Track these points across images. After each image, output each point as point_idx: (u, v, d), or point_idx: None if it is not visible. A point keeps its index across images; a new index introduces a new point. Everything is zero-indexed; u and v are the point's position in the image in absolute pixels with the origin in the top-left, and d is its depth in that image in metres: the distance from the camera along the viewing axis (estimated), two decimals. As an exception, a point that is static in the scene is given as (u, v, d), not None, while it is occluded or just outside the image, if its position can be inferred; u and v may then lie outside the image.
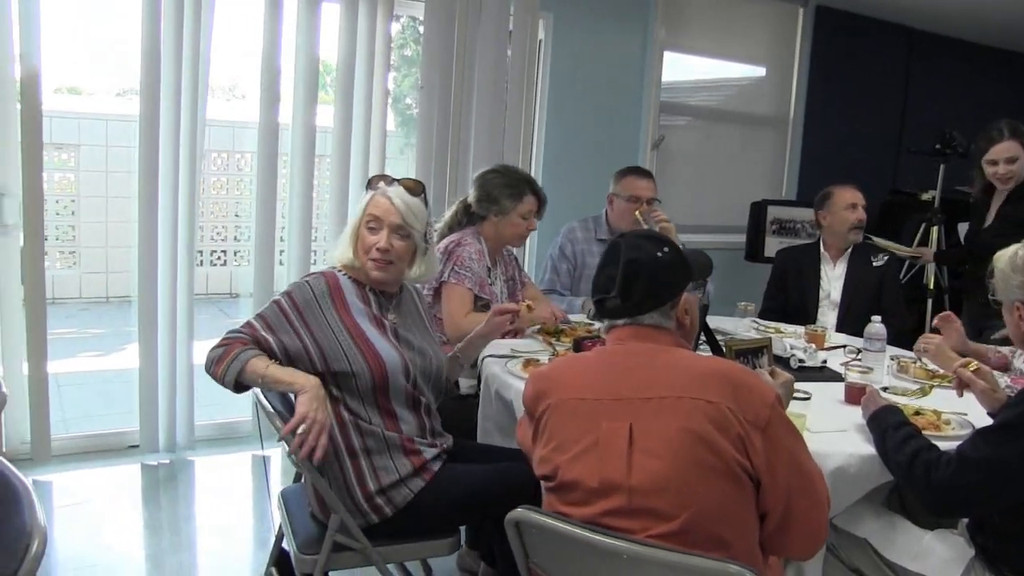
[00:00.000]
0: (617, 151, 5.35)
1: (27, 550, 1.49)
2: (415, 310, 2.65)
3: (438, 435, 2.53)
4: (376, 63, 4.41)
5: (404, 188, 2.47)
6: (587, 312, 3.66)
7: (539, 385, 1.93)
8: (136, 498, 3.92)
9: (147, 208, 4.00)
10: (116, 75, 10.47)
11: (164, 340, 4.12)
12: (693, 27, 5.80)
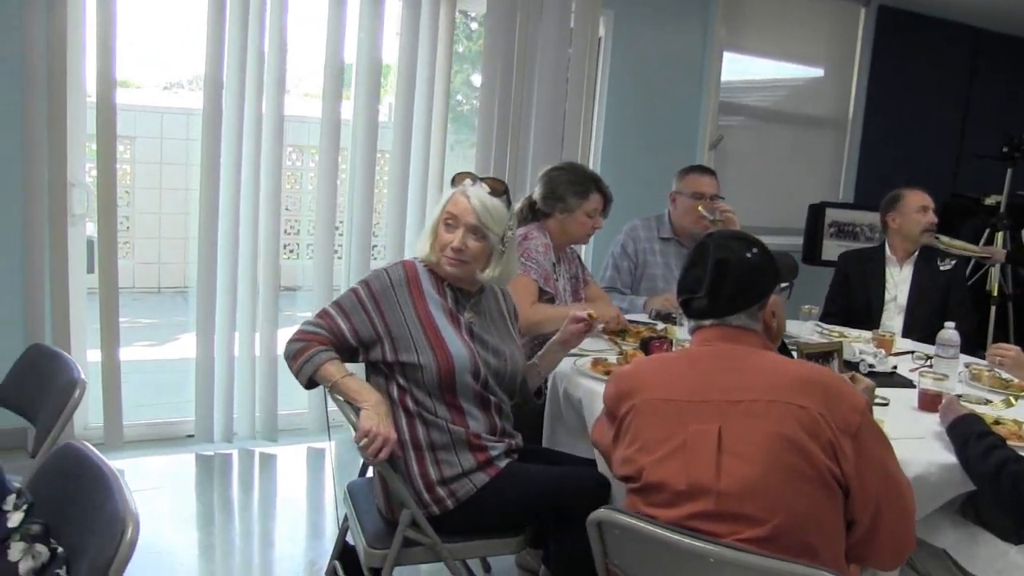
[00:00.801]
0: (675, 150, 5.32)
1: (122, 535, 1.51)
2: (497, 310, 2.62)
3: (508, 435, 2.50)
4: (438, 60, 4.41)
5: (487, 188, 2.44)
6: (649, 312, 3.63)
7: (622, 385, 1.91)
8: (191, 487, 3.96)
9: (208, 200, 4.02)
10: (170, 68, 10.61)
11: (222, 331, 4.16)
12: (753, 27, 5.74)
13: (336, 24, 4.16)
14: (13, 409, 2.50)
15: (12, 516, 1.59)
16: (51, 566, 1.61)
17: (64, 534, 1.68)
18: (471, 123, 8.70)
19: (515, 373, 2.53)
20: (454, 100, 4.58)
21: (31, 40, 3.63)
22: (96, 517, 1.61)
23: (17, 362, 2.57)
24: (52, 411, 2.25)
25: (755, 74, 6.03)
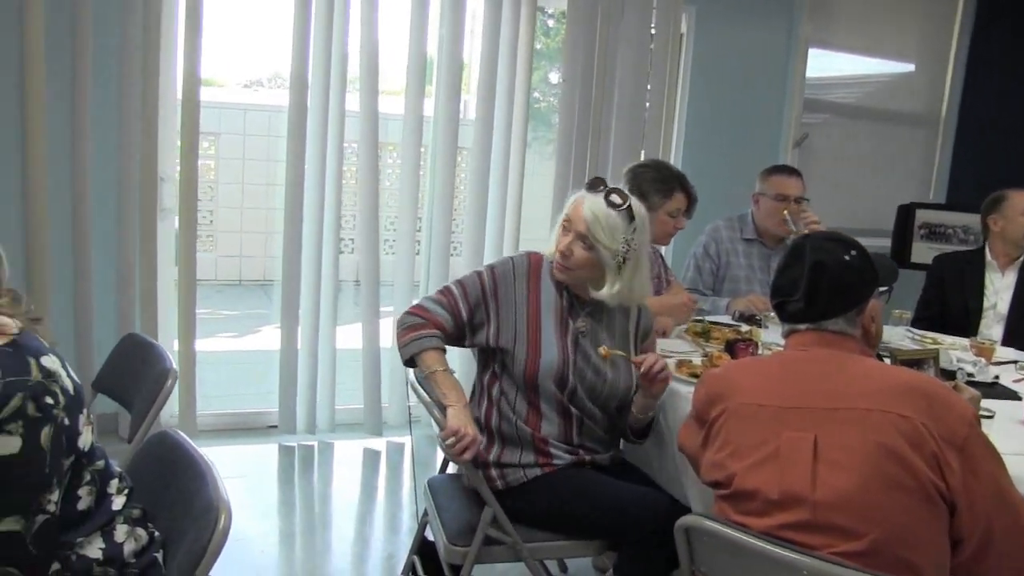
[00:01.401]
0: (758, 149, 5.22)
1: (216, 524, 1.54)
2: (622, 329, 2.53)
3: (585, 449, 2.45)
4: (519, 56, 4.41)
5: (608, 200, 2.33)
6: (733, 314, 3.57)
7: (713, 388, 1.88)
8: (273, 477, 4.01)
9: (293, 196, 4.07)
10: (251, 67, 10.81)
11: (306, 324, 4.21)
12: (840, 22, 5.61)
13: (419, 21, 4.19)
14: (109, 395, 2.57)
15: (116, 499, 1.64)
16: (149, 549, 1.66)
17: (159, 519, 1.72)
18: (548, 120, 8.71)
19: (613, 396, 2.45)
20: (531, 97, 4.56)
21: (128, 39, 3.72)
22: (191, 505, 1.65)
23: (113, 351, 2.64)
24: (146, 399, 2.30)
25: (841, 70, 5.88)
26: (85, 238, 3.78)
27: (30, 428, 1.38)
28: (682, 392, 2.48)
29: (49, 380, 1.44)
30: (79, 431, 1.52)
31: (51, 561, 1.48)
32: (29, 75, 3.59)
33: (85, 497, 1.56)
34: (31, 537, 1.39)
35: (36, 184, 3.65)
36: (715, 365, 2.63)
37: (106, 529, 1.60)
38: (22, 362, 1.43)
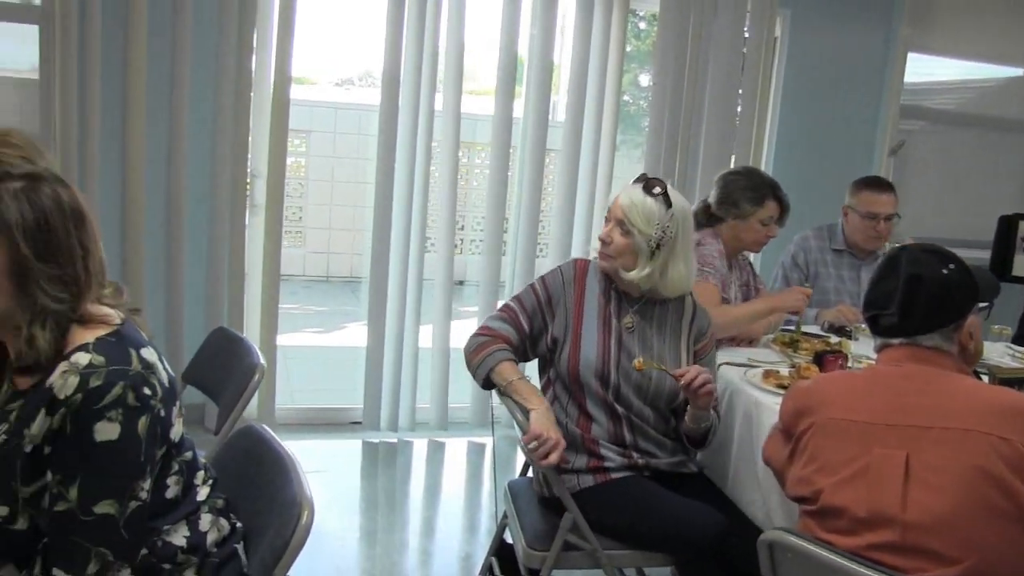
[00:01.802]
0: (852, 156, 5.10)
1: (298, 519, 1.57)
2: (673, 325, 2.52)
3: (639, 451, 2.43)
4: (610, 59, 4.39)
5: (645, 188, 2.40)
6: (822, 325, 3.49)
7: (802, 401, 1.84)
8: (355, 473, 4.07)
9: (383, 194, 4.13)
10: (342, 66, 10.98)
11: (392, 322, 4.26)
12: (942, 26, 5.43)
13: (510, 21, 4.20)
14: (198, 387, 2.63)
15: (201, 490, 1.68)
16: (231, 540, 1.69)
17: (242, 512, 1.75)
18: (637, 123, 8.66)
19: (659, 394, 2.43)
20: (621, 100, 4.53)
21: (224, 39, 3.82)
22: (274, 499, 1.67)
23: (203, 344, 2.70)
24: (234, 392, 2.35)
25: (942, 75, 5.70)
26: (178, 233, 3.90)
27: (129, 417, 1.42)
28: (768, 403, 2.44)
29: (148, 371, 1.48)
30: (172, 423, 1.56)
31: (141, 546, 1.52)
32: (130, 74, 3.73)
33: (173, 486, 1.60)
34: (123, 522, 1.43)
35: (134, 181, 3.78)
36: (803, 377, 2.58)
37: (191, 518, 1.64)
38: (124, 352, 1.48)
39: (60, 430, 1.42)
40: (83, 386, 1.41)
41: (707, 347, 2.57)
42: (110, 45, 3.70)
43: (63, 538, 1.41)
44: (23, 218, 1.43)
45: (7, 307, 1.46)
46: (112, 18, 3.68)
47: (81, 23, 3.63)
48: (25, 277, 1.44)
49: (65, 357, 1.45)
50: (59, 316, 1.47)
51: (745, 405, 2.56)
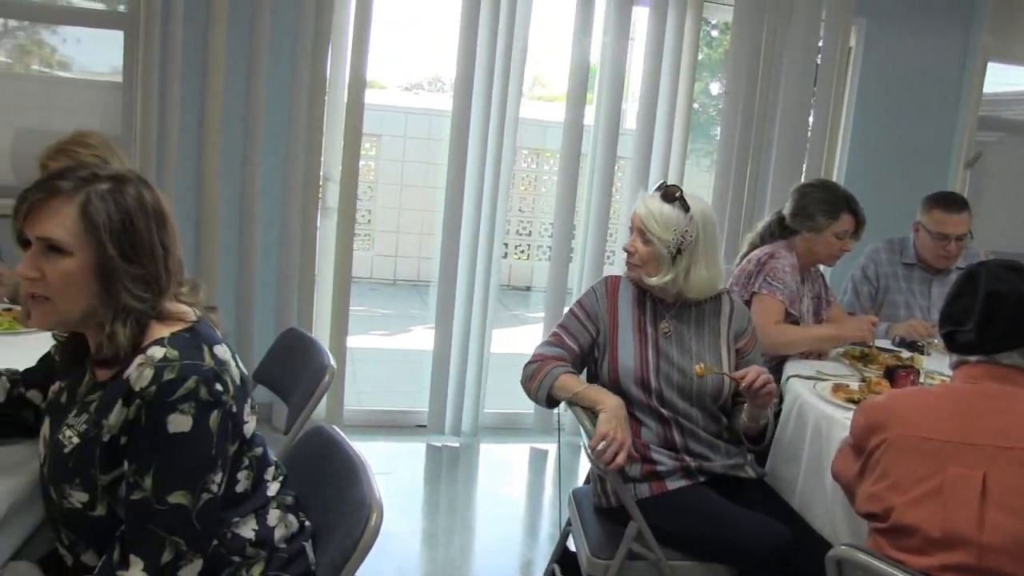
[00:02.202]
0: (926, 168, 4.99)
1: (367, 521, 1.58)
2: (712, 326, 2.53)
3: (692, 454, 2.41)
4: (682, 67, 4.36)
5: (662, 195, 2.43)
6: (893, 339, 3.42)
7: (874, 417, 1.80)
8: (418, 476, 4.10)
9: (452, 199, 4.16)
10: (412, 70, 11.09)
11: (459, 327, 4.29)
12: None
13: (583, 29, 4.20)
14: (268, 386, 2.68)
15: (271, 486, 1.71)
16: (299, 537, 1.72)
17: (311, 510, 1.78)
18: (707, 132, 8.61)
19: (704, 391, 2.42)
20: (692, 108, 4.51)
21: (301, 44, 3.89)
22: (343, 500, 1.69)
23: (274, 344, 2.75)
24: (304, 392, 2.39)
25: (1021, 84, 5.55)
26: (251, 234, 3.98)
27: (201, 411, 1.46)
28: (837, 417, 2.41)
29: (220, 368, 1.52)
30: (244, 419, 1.59)
31: (212, 537, 1.56)
32: (209, 77, 3.82)
33: (243, 481, 1.63)
34: (196, 513, 1.46)
35: (209, 182, 3.87)
36: (873, 391, 2.54)
37: (260, 512, 1.66)
38: (198, 348, 1.51)
39: (135, 421, 1.46)
40: (157, 379, 1.44)
41: (749, 344, 2.57)
42: (190, 50, 3.80)
43: (139, 526, 1.45)
44: (110, 219, 1.48)
45: (92, 305, 1.51)
46: (192, 24, 3.78)
47: (163, 29, 3.73)
48: (110, 277, 1.49)
49: (142, 351, 1.49)
50: (140, 314, 1.51)
51: (814, 418, 2.53)
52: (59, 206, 1.48)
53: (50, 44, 4.09)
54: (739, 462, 2.47)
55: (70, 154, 2.68)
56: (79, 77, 4.12)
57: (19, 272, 1.50)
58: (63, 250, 1.47)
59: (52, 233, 1.47)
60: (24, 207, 1.49)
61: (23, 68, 4.10)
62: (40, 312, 1.52)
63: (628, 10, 4.24)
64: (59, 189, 1.48)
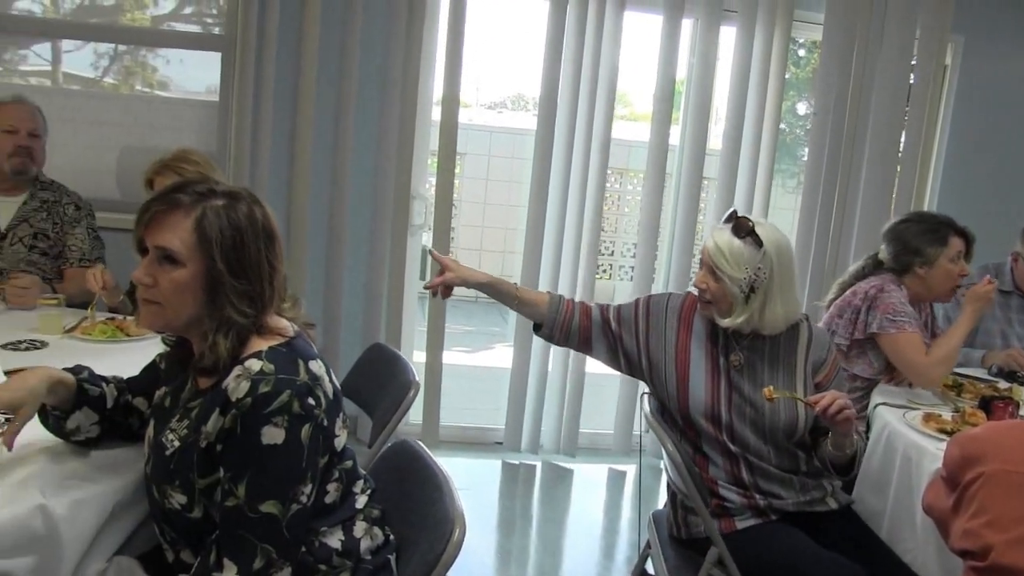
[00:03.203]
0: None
1: (450, 535, 1.60)
2: (783, 356, 2.39)
3: (762, 492, 2.32)
4: (770, 87, 4.32)
5: (732, 229, 2.28)
6: (989, 368, 3.32)
7: (970, 449, 1.75)
8: (495, 493, 4.11)
9: (535, 217, 4.19)
10: (495, 89, 11.17)
11: (539, 345, 4.30)
12: None
13: (669, 49, 4.20)
14: (353, 400, 2.72)
15: (359, 498, 1.74)
16: (384, 550, 1.75)
17: (395, 523, 1.81)
18: (793, 153, 8.48)
19: (775, 429, 2.31)
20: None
21: (390, 63, 3.98)
22: (426, 515, 1.72)
23: (361, 358, 2.80)
24: (389, 407, 2.43)
25: None
26: (339, 250, 4.06)
27: (293, 424, 1.50)
28: (928, 448, 2.34)
29: (314, 383, 1.56)
30: (336, 433, 1.63)
31: (300, 546, 1.59)
32: (301, 97, 3.93)
33: (332, 492, 1.67)
34: (286, 522, 1.50)
35: (299, 199, 3.98)
36: (968, 422, 2.47)
37: (347, 524, 1.70)
38: (293, 363, 1.56)
39: (231, 430, 1.50)
40: (253, 391, 1.49)
41: (828, 377, 2.42)
42: (283, 70, 3.92)
43: (233, 532, 1.49)
44: (221, 235, 1.54)
45: (197, 314, 1.57)
46: (286, 45, 3.90)
47: (258, 50, 3.86)
48: (216, 290, 1.55)
49: (240, 362, 1.55)
50: (241, 327, 1.57)
51: (904, 448, 2.47)
52: (177, 218, 1.55)
53: (152, 65, 4.26)
54: (816, 496, 2.36)
55: (177, 170, 2.81)
56: (177, 97, 4.28)
57: (135, 277, 1.58)
58: (176, 260, 1.54)
59: (168, 243, 1.54)
60: (146, 217, 1.57)
61: (128, 89, 4.27)
62: (149, 314, 1.60)
63: (716, 29, 4.23)
64: (178, 202, 1.56)
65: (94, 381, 1.78)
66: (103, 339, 2.62)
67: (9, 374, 1.83)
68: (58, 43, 4.20)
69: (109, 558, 1.67)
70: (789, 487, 2.33)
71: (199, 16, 4.24)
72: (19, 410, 1.63)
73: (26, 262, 3.17)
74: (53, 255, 3.26)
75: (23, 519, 1.49)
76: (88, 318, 2.80)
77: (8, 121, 3.16)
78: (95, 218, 3.40)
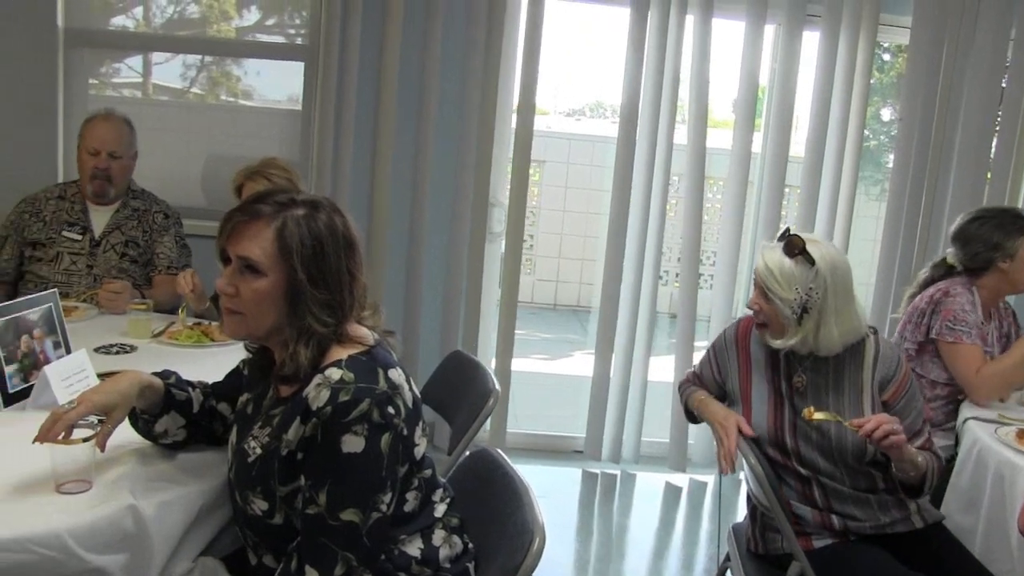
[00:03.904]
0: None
1: (530, 545, 1.60)
2: (848, 376, 2.29)
3: (840, 514, 2.25)
4: (854, 92, 4.22)
5: (783, 248, 2.19)
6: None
7: None
8: (574, 502, 4.09)
9: (616, 225, 4.17)
10: (573, 97, 11.18)
11: (620, 353, 4.28)
12: None
13: (752, 54, 4.15)
14: (432, 407, 2.74)
15: (438, 507, 1.75)
16: (463, 558, 1.75)
17: (474, 532, 1.81)
18: (876, 159, 8.29)
19: (844, 448, 2.22)
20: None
21: (470, 72, 4.00)
22: (506, 524, 1.71)
23: (440, 366, 2.82)
24: (468, 415, 2.43)
25: None
26: (417, 257, 4.10)
27: (373, 433, 1.51)
28: (1022, 466, 2.26)
29: (394, 391, 1.57)
30: (415, 442, 1.64)
31: (380, 554, 1.61)
32: (381, 105, 3.99)
33: (412, 500, 1.68)
34: (366, 531, 1.51)
35: (380, 206, 4.03)
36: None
37: (426, 532, 1.71)
38: (373, 372, 1.57)
39: (312, 439, 1.52)
40: (333, 399, 1.51)
41: (897, 394, 2.28)
42: (364, 79, 3.97)
43: (314, 539, 1.51)
44: (302, 245, 1.57)
45: (278, 323, 1.60)
46: (368, 54, 3.95)
47: (340, 60, 3.91)
48: (297, 300, 1.58)
49: (320, 371, 1.56)
50: (321, 337, 1.59)
51: (996, 465, 2.39)
52: (258, 228, 1.57)
53: (235, 75, 4.37)
54: (898, 516, 2.26)
55: (266, 176, 2.89)
56: (261, 106, 4.38)
57: (218, 287, 1.61)
58: (258, 270, 1.57)
59: (250, 253, 1.57)
60: (228, 227, 1.60)
61: (213, 99, 4.38)
62: (232, 323, 1.63)
63: (798, 34, 4.15)
64: (260, 212, 1.58)
65: (181, 386, 1.82)
66: (189, 344, 2.69)
67: (102, 377, 1.88)
68: (149, 56, 4.34)
69: (195, 559, 1.71)
70: (866, 507, 2.26)
71: (282, 27, 4.34)
72: (111, 413, 1.68)
73: (118, 269, 3.27)
74: (143, 262, 3.35)
75: (116, 518, 1.53)
76: (179, 321, 2.88)
77: (92, 144, 3.25)
78: (183, 226, 3.50)
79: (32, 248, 3.27)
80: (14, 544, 1.42)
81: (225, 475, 1.75)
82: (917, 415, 2.29)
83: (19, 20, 3.90)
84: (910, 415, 2.26)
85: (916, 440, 2.24)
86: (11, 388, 2.03)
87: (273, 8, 4.28)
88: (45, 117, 3.96)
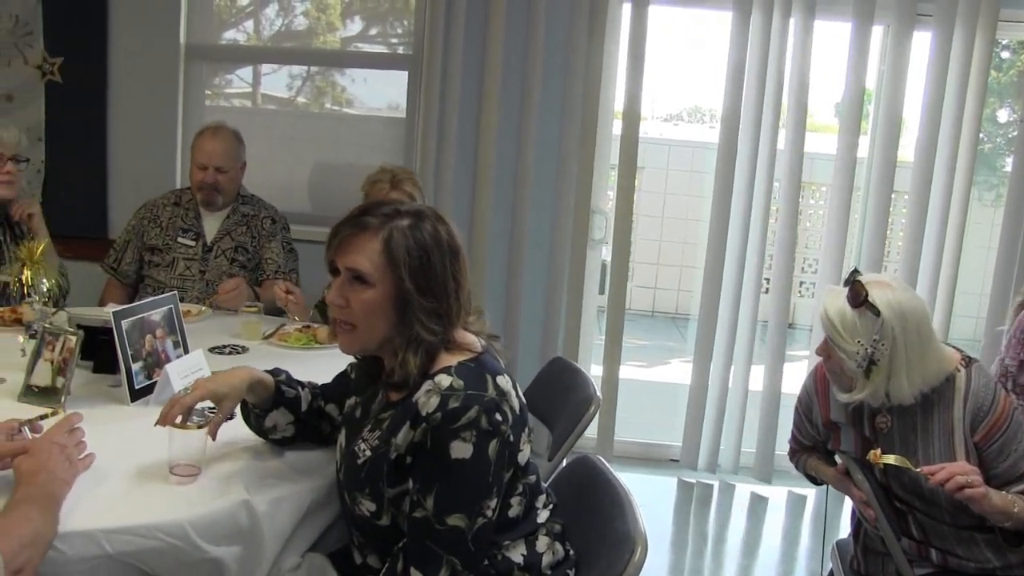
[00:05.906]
0: None
1: (631, 555, 1.60)
2: (937, 416, 2.09)
3: (940, 550, 2.12)
4: (969, 94, 4.05)
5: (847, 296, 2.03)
6: None
7: None
8: (669, 511, 4.06)
9: (717, 232, 4.12)
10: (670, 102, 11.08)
11: (719, 362, 4.22)
12: None
13: (859, 56, 4.03)
14: (532, 412, 2.75)
15: (541, 513, 1.76)
16: (564, 565, 1.76)
17: (575, 539, 1.81)
18: (992, 163, 7.99)
19: (936, 490, 2.01)
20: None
21: (572, 77, 4.01)
22: (606, 532, 1.72)
23: (541, 372, 2.84)
24: (569, 421, 2.44)
25: None
26: (519, 263, 4.12)
27: (481, 439, 1.53)
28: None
29: (501, 398, 1.59)
30: (520, 448, 1.65)
31: (484, 559, 1.62)
32: (483, 114, 4.03)
33: (515, 506, 1.69)
34: (471, 535, 1.53)
35: (482, 211, 4.07)
36: None
37: (529, 538, 1.72)
38: (481, 378, 1.59)
39: (421, 444, 1.55)
40: (442, 406, 1.53)
41: (991, 435, 2.04)
42: (467, 86, 4.02)
43: (420, 542, 1.54)
44: (408, 255, 1.60)
45: (388, 333, 1.63)
46: (470, 62, 4.00)
47: (443, 69, 3.97)
48: (405, 309, 1.61)
49: (430, 377, 1.59)
50: (430, 345, 1.62)
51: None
52: (365, 240, 1.61)
53: (340, 84, 4.48)
54: (1014, 561, 2.07)
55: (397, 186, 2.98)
56: (365, 114, 4.47)
57: (328, 299, 1.66)
58: (367, 281, 1.60)
59: (358, 265, 1.60)
60: (336, 240, 1.64)
61: (319, 107, 4.50)
62: (346, 339, 1.67)
63: (908, 35, 4.01)
64: (367, 225, 1.62)
65: (291, 384, 1.88)
66: (298, 346, 2.77)
67: (216, 375, 1.96)
68: (258, 67, 4.49)
69: (303, 554, 1.76)
70: (971, 546, 2.09)
71: (385, 36, 4.42)
72: (222, 403, 1.75)
73: (227, 275, 3.37)
74: (251, 267, 3.46)
75: (231, 512, 1.60)
76: (289, 323, 2.98)
77: (200, 159, 3.37)
78: (289, 231, 3.59)
79: (151, 253, 3.41)
80: (143, 530, 1.50)
81: (332, 474, 1.80)
82: (1020, 458, 2.03)
83: (147, 38, 4.12)
84: (1008, 458, 2.03)
85: (1017, 485, 2.02)
86: (137, 384, 2.15)
87: (376, 18, 4.36)
88: (166, 127, 4.17)
